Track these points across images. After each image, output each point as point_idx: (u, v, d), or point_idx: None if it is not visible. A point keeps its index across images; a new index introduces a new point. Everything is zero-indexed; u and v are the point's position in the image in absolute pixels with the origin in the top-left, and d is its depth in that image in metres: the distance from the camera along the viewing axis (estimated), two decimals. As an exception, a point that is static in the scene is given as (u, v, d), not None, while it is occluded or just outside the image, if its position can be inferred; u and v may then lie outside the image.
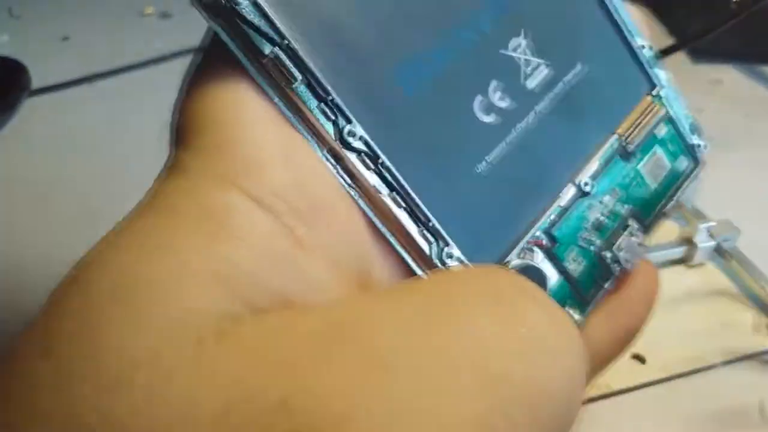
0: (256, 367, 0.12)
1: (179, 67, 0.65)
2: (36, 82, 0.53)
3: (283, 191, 0.15)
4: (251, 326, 0.13)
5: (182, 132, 0.16)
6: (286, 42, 0.15)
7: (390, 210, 0.17)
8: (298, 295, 0.15)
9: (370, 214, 0.17)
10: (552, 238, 0.19)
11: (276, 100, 0.16)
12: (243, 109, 0.16)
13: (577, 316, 0.19)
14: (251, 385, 0.12)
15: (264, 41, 0.15)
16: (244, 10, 0.15)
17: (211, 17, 0.16)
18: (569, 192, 0.19)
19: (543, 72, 0.19)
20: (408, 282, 0.17)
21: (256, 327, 0.13)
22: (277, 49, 0.15)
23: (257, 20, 0.15)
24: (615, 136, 0.20)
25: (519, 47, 0.19)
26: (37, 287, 0.40)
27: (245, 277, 0.14)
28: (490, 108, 0.18)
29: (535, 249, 0.18)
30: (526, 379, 0.14)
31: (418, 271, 0.17)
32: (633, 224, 0.20)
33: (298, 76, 0.16)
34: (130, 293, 0.13)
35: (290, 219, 0.15)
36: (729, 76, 0.58)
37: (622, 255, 0.19)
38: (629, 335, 0.19)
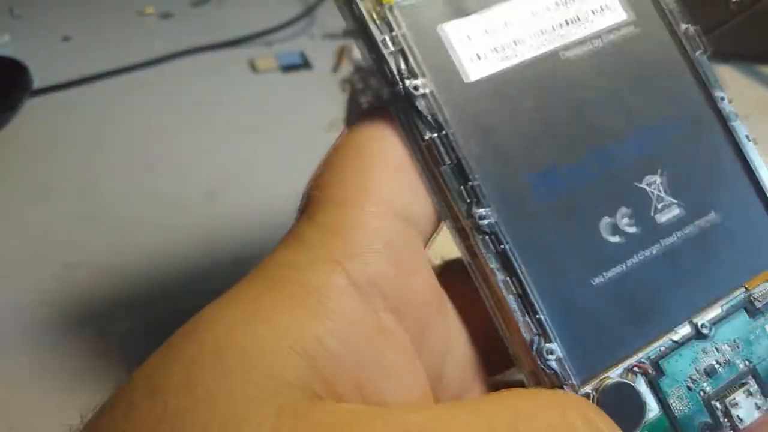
0: None
1: (180, 68, 0.65)
2: (37, 82, 0.53)
3: (379, 281, 0.17)
4: (330, 413, 0.14)
5: (309, 201, 0.18)
6: (445, 132, 0.18)
7: (502, 294, 0.18)
8: (371, 380, 0.16)
9: (482, 293, 0.18)
10: (658, 369, 0.19)
11: (424, 179, 0.18)
12: (369, 194, 0.17)
13: None
14: None
15: (427, 128, 0.18)
16: (419, 102, 0.18)
17: (390, 102, 0.18)
18: (684, 329, 0.19)
19: (674, 211, 0.20)
20: (481, 398, 0.17)
21: (334, 414, 0.14)
22: (436, 136, 0.18)
23: (426, 110, 0.18)
24: (743, 289, 0.20)
25: (654, 183, 0.20)
26: (37, 287, 0.41)
27: (330, 358, 0.15)
28: (615, 230, 0.19)
29: (639, 374, 0.18)
30: None
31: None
32: (752, 383, 0.19)
33: (448, 160, 0.18)
34: (228, 355, 0.15)
35: (381, 307, 0.17)
36: (728, 76, 0.58)
37: (734, 411, 0.19)
38: None
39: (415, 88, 0.18)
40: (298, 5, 0.65)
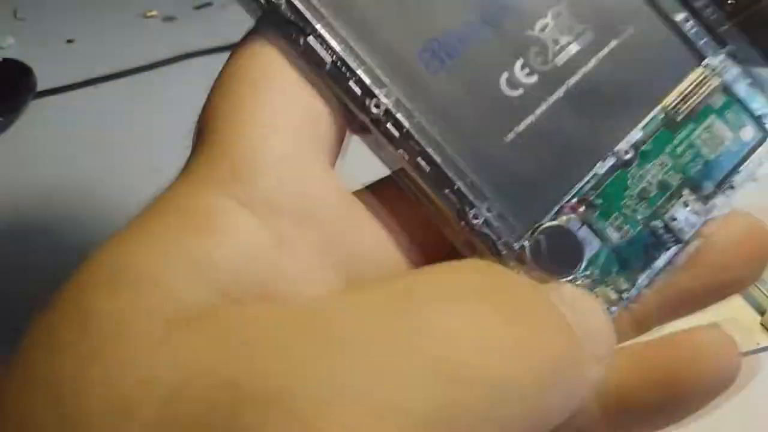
0: (216, 349, 0.13)
1: (183, 70, 0.65)
2: (41, 84, 0.53)
3: (272, 196, 0.16)
4: (222, 314, 0.14)
5: (198, 134, 0.17)
6: (317, 32, 0.17)
7: (415, 175, 0.17)
8: (278, 291, 0.16)
9: (400, 181, 0.18)
10: (590, 205, 0.19)
11: (309, 85, 0.17)
12: (249, 112, 0.17)
13: (625, 286, 0.18)
14: (207, 364, 0.13)
15: (298, 33, 0.17)
16: (282, 8, 0.18)
17: (252, 11, 0.19)
18: (608, 161, 0.19)
19: (573, 49, 0.20)
20: (383, 279, 0.17)
21: (226, 314, 0.14)
22: (309, 38, 0.17)
23: (293, 16, 0.17)
24: (659, 108, 0.20)
25: (546, 27, 0.19)
26: (41, 287, 0.41)
27: (223, 271, 0.15)
28: (515, 84, 0.19)
29: (571, 214, 0.18)
30: (485, 378, 0.14)
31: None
32: (688, 194, 0.20)
33: (328, 59, 0.17)
34: (120, 279, 0.15)
35: (276, 221, 0.16)
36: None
37: (675, 224, 0.19)
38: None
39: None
40: (300, 8, 0.65)
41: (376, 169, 0.19)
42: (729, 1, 0.42)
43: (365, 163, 0.18)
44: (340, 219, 0.17)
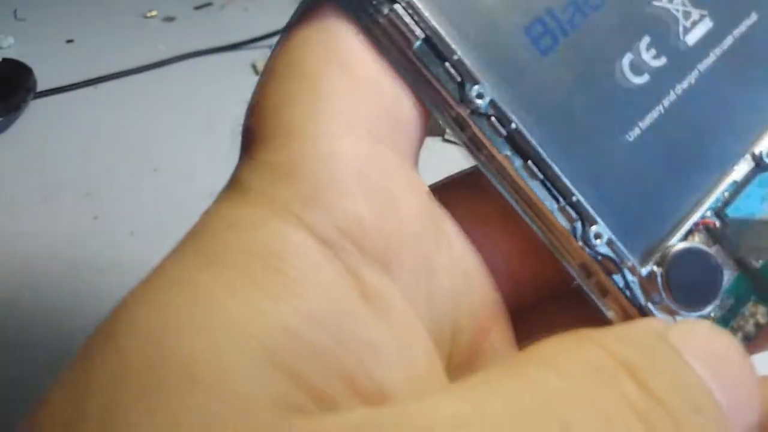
0: None
1: (183, 70, 0.65)
2: (41, 84, 0.53)
3: (352, 225, 0.13)
4: (319, 428, 0.11)
5: (249, 138, 0.14)
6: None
7: (524, 183, 0.14)
8: (363, 369, 0.12)
9: (501, 190, 0.15)
10: (725, 220, 0.16)
11: (391, 65, 0.14)
12: (323, 112, 0.13)
13: (766, 319, 0.16)
14: None
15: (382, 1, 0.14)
16: None
17: None
18: (745, 164, 0.16)
19: (706, 25, 0.16)
20: (505, 372, 0.13)
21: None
22: (397, 6, 0.14)
23: None
24: None
25: None
26: (41, 287, 0.41)
27: (306, 353, 0.11)
28: (640, 67, 0.15)
29: (705, 232, 0.16)
30: None
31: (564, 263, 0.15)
32: None
33: (420, 34, 0.14)
34: (164, 372, 0.11)
35: (360, 262, 0.13)
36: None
37: None
38: None
39: None
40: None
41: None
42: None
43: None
44: (430, 252, 0.14)
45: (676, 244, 0.15)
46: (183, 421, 0.10)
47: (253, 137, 0.14)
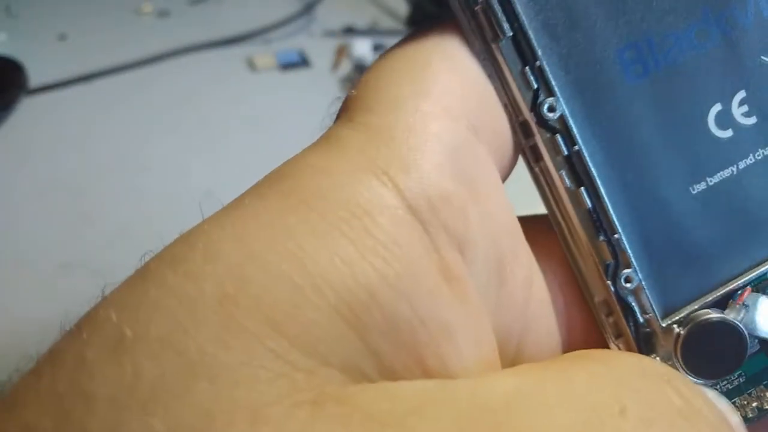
0: None
1: (177, 66, 0.65)
2: (33, 81, 0.53)
3: (440, 202, 0.12)
4: (383, 398, 0.11)
5: (350, 105, 0.14)
6: None
7: (570, 208, 0.14)
8: (433, 346, 0.12)
9: (545, 202, 0.14)
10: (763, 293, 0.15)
11: (477, 56, 0.14)
12: (429, 92, 0.13)
13: None
14: None
15: None
16: None
17: None
18: None
19: None
20: (564, 362, 0.13)
21: (388, 399, 0.11)
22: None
23: None
24: None
25: None
26: (32, 286, 0.40)
27: (383, 320, 0.11)
28: (727, 121, 0.15)
29: (742, 307, 0.15)
30: None
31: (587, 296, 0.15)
32: None
33: (508, 30, 0.14)
34: (238, 312, 0.11)
35: (444, 242, 0.12)
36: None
37: None
38: None
39: None
40: (297, 3, 0.65)
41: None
42: None
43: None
44: (507, 257, 0.14)
45: (706, 309, 0.15)
46: (256, 364, 0.10)
47: (355, 105, 0.14)
